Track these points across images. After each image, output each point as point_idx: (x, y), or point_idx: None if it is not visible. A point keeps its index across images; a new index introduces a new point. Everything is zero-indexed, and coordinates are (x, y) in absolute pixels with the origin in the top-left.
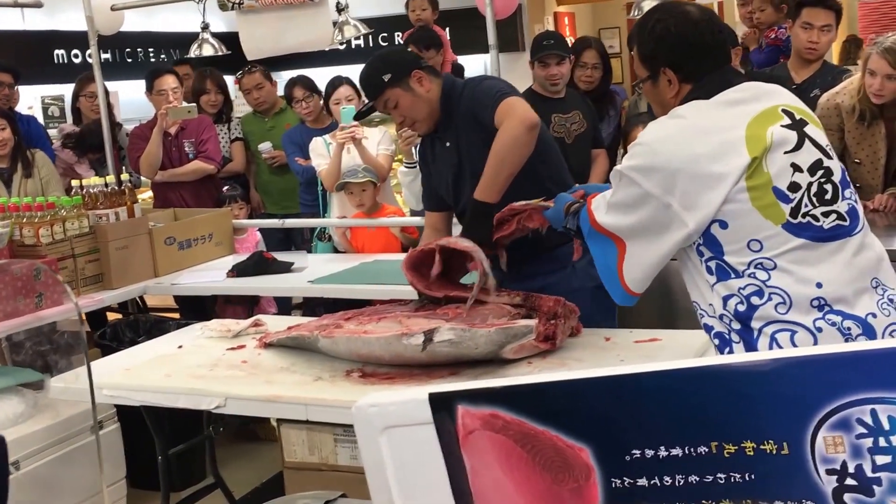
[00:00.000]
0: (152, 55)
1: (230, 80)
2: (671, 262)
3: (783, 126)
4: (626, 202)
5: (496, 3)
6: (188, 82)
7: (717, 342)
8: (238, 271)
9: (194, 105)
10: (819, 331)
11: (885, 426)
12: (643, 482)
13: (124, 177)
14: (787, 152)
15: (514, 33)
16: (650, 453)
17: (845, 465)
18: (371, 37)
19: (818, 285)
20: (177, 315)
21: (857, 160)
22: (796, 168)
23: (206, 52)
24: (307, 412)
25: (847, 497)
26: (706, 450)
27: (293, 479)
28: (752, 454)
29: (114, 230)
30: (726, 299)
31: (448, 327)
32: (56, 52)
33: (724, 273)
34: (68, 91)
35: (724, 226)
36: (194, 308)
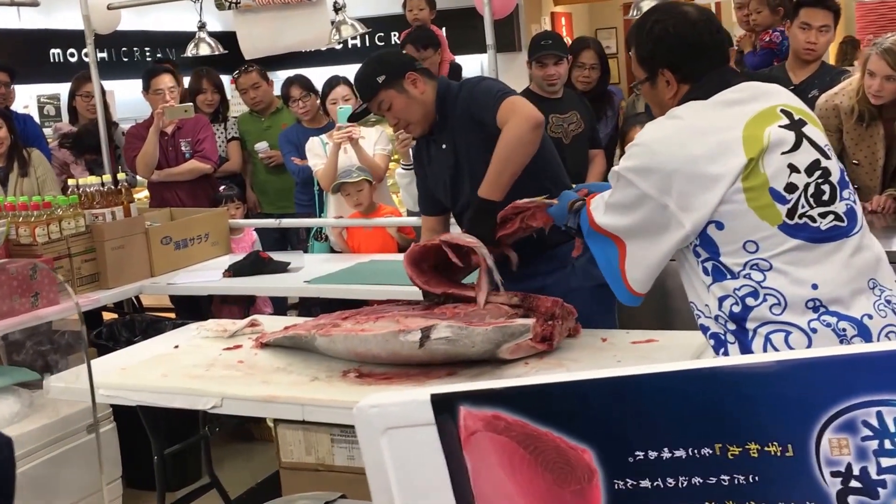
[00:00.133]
0: (148, 54)
1: (226, 79)
2: (668, 263)
3: (781, 126)
4: (624, 203)
5: (494, 2)
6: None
7: (713, 343)
8: (234, 271)
9: (191, 104)
10: (814, 332)
11: (892, 428)
12: (646, 484)
13: (121, 176)
14: (784, 153)
15: (510, 33)
16: (653, 455)
17: (850, 467)
18: (368, 36)
19: (813, 286)
20: (172, 315)
21: (856, 161)
22: (793, 169)
23: (203, 51)
24: (304, 412)
25: (851, 499)
26: (710, 451)
27: (289, 480)
28: (756, 456)
29: (110, 230)
30: (722, 300)
31: (445, 325)
32: (52, 51)
33: (719, 274)
34: (64, 90)
35: (720, 227)
36: (190, 308)
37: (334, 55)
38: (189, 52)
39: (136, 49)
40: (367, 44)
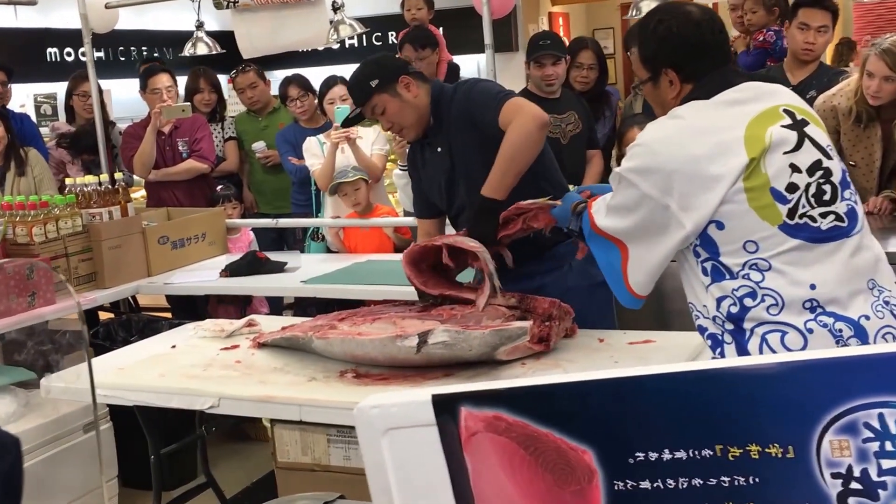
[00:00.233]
0: (145, 54)
1: (223, 79)
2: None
3: (783, 126)
4: (625, 205)
5: (493, 2)
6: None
7: (710, 343)
8: (231, 271)
9: (188, 104)
10: (810, 332)
11: (893, 430)
12: (646, 485)
13: (118, 175)
14: (786, 153)
15: (508, 33)
16: (654, 456)
17: (851, 468)
18: (365, 36)
19: (811, 287)
20: (168, 315)
21: (853, 162)
22: (795, 168)
23: (201, 50)
24: (301, 413)
25: (852, 501)
26: (710, 453)
27: (285, 479)
28: (757, 457)
29: (107, 229)
30: (720, 300)
31: (442, 329)
32: (49, 49)
33: (718, 274)
34: (61, 89)
35: (720, 227)
36: (186, 308)
37: (331, 55)
38: (187, 51)
39: (133, 48)
40: (365, 43)
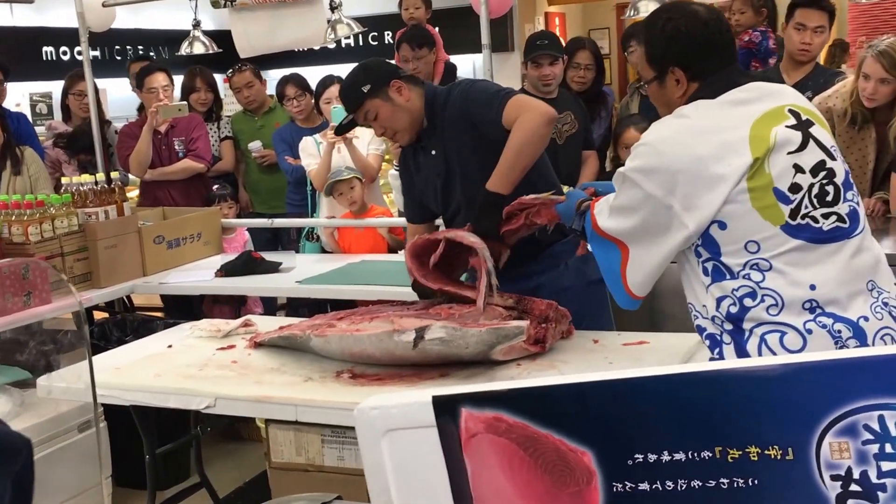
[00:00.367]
0: (141, 53)
1: (219, 78)
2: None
3: (788, 126)
4: (628, 205)
5: (491, 1)
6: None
7: (709, 343)
8: (226, 271)
9: (185, 103)
10: (809, 333)
11: (893, 432)
12: (644, 486)
13: (114, 175)
14: (790, 153)
15: (504, 33)
16: (653, 457)
17: (850, 471)
18: (362, 36)
19: (811, 287)
20: (161, 314)
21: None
22: (798, 169)
23: (198, 49)
24: (297, 413)
25: (851, 503)
26: (710, 454)
27: (278, 480)
28: (756, 459)
29: (103, 228)
30: (720, 300)
31: (440, 325)
32: (45, 48)
33: (719, 274)
34: (56, 88)
35: (722, 226)
36: (180, 307)
37: (328, 54)
38: (183, 50)
39: (128, 47)
40: (361, 43)
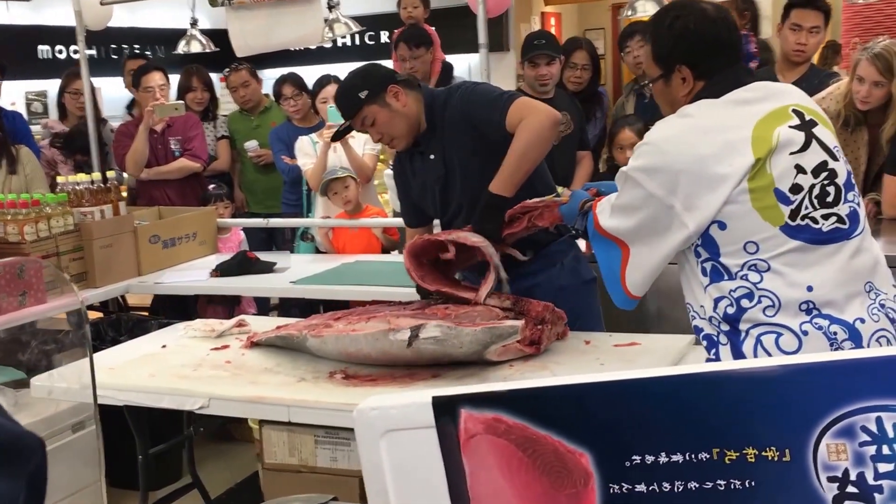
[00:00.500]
0: (137, 52)
1: (214, 77)
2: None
3: (791, 127)
4: (630, 204)
5: (489, 1)
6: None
7: (706, 344)
8: (221, 271)
9: (181, 102)
10: (805, 334)
11: (890, 434)
12: (641, 488)
13: (110, 174)
14: (792, 153)
15: (499, 33)
16: (650, 459)
17: (847, 472)
18: (358, 35)
19: (808, 289)
20: (148, 313)
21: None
22: (800, 169)
23: (194, 48)
24: (290, 413)
25: None
26: (707, 456)
27: (271, 481)
28: (753, 461)
29: (99, 228)
30: (717, 301)
31: (434, 324)
32: (40, 47)
33: (717, 275)
34: (52, 87)
35: (722, 227)
36: (173, 307)
37: (324, 54)
38: (181, 49)
39: (124, 46)
40: (358, 42)
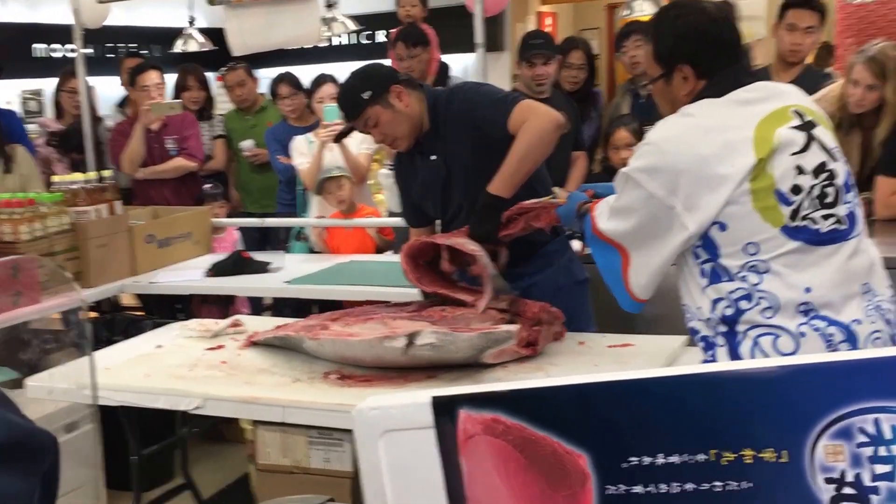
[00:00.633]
0: (133, 51)
1: (210, 76)
2: None
3: (792, 127)
4: (629, 206)
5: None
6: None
7: (702, 345)
8: (216, 271)
9: (179, 101)
10: (802, 336)
11: (887, 435)
12: (638, 489)
13: (106, 173)
14: (793, 154)
15: (495, 33)
16: (647, 460)
17: (844, 473)
18: (355, 34)
19: (807, 290)
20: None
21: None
22: (800, 170)
23: (192, 47)
24: (284, 414)
25: None
26: (705, 457)
27: (263, 482)
28: (750, 462)
29: (94, 227)
30: (716, 302)
31: (430, 331)
32: (36, 45)
33: (716, 276)
34: (47, 85)
35: (723, 228)
36: (165, 307)
37: (321, 53)
38: (178, 47)
39: (120, 45)
40: (354, 41)
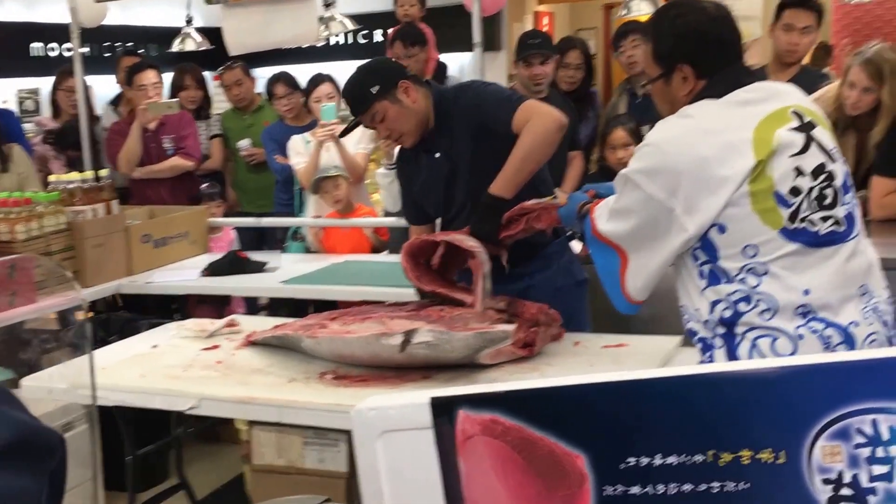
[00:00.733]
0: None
1: (207, 76)
2: None
3: (791, 129)
4: (629, 207)
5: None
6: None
7: (700, 346)
8: (213, 270)
9: (176, 100)
10: (800, 338)
11: (885, 436)
12: (636, 490)
13: (103, 173)
14: (792, 156)
15: (492, 32)
16: (645, 461)
17: (842, 474)
18: (352, 33)
19: (805, 292)
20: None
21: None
22: (799, 172)
23: (189, 46)
24: (280, 414)
25: None
26: (702, 458)
27: (258, 482)
28: (748, 463)
29: (91, 227)
30: (714, 304)
31: (427, 329)
32: (33, 44)
33: (715, 278)
34: (44, 84)
35: (722, 230)
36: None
37: (318, 52)
38: (176, 47)
39: (117, 44)
40: (351, 41)
